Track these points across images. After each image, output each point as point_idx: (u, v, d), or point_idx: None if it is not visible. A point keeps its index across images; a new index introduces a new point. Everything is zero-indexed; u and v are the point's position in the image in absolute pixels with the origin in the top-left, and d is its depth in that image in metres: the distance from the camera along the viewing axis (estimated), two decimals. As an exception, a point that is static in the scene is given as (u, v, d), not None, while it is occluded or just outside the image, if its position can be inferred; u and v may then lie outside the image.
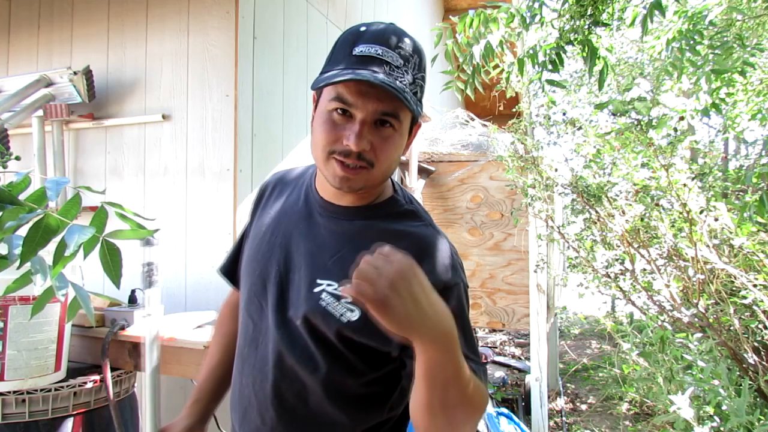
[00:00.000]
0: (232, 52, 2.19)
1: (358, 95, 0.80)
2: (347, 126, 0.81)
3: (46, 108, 2.34)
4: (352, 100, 0.80)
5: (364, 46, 0.81)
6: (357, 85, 0.79)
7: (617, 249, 3.01)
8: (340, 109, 0.81)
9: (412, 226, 0.91)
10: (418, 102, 0.85)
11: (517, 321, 3.78)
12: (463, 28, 1.98)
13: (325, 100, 0.83)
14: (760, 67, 2.69)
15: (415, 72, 0.83)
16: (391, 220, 0.91)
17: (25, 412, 1.53)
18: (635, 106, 2.24)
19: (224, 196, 2.18)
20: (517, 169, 3.22)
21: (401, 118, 0.83)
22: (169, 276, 2.26)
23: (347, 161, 0.81)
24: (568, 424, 4.20)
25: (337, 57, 0.84)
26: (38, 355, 1.56)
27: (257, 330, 0.94)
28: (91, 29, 2.50)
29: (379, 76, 0.78)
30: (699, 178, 2.38)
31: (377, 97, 0.80)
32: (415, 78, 0.83)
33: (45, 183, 0.77)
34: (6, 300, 1.49)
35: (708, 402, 2.01)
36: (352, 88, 0.80)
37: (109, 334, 1.77)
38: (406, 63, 0.82)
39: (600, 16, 1.90)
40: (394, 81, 0.79)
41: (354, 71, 0.78)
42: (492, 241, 3.83)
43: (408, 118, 0.85)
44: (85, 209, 0.88)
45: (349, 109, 0.81)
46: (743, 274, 2.20)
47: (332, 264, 0.88)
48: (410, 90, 0.81)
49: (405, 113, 0.83)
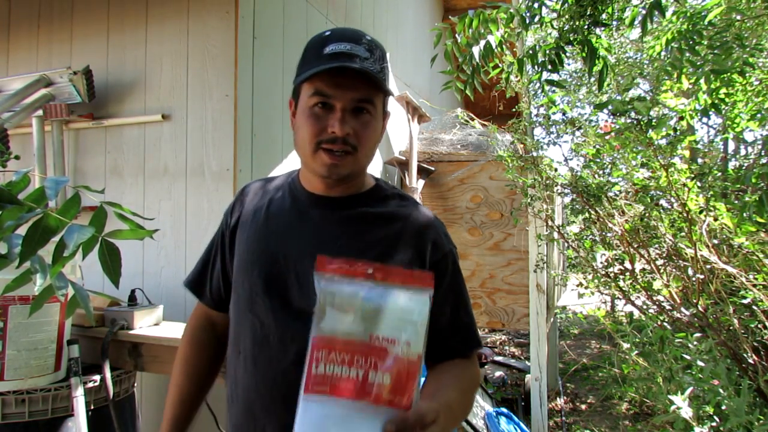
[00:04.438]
0: (232, 52, 2.19)
1: (335, 87, 0.89)
2: (329, 116, 0.89)
3: (46, 108, 2.34)
4: (330, 92, 0.89)
5: (333, 45, 0.89)
6: (333, 78, 0.88)
7: (617, 249, 3.01)
8: (321, 103, 0.90)
9: (401, 206, 1.00)
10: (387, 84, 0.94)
11: (517, 321, 3.78)
12: (462, 28, 1.98)
13: (305, 98, 0.92)
14: (760, 67, 2.69)
15: (380, 62, 0.92)
16: (381, 205, 1.00)
17: (25, 412, 1.53)
18: (635, 106, 2.24)
19: (224, 196, 2.18)
20: (516, 169, 3.21)
21: (376, 103, 0.92)
22: (168, 276, 2.26)
23: (334, 148, 0.90)
24: (567, 423, 4.20)
25: (309, 60, 0.92)
26: (38, 355, 1.57)
27: (267, 328, 0.94)
28: (91, 29, 2.50)
29: (354, 65, 0.87)
30: (698, 178, 2.38)
31: (353, 87, 0.89)
32: (381, 67, 0.92)
33: (44, 182, 0.77)
34: (6, 300, 1.49)
35: (707, 402, 2.01)
36: (329, 81, 0.88)
37: (109, 334, 1.77)
38: (372, 54, 0.91)
39: (600, 16, 1.89)
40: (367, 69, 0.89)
41: (332, 63, 0.87)
42: (492, 241, 3.83)
43: (381, 103, 0.95)
44: (85, 209, 0.88)
45: (329, 101, 0.89)
46: (743, 274, 2.20)
47: (336, 250, 0.92)
48: (380, 78, 0.91)
49: (378, 99, 0.93)
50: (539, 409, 3.52)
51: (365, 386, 0.63)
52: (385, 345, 0.65)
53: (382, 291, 0.68)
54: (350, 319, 0.66)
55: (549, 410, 4.19)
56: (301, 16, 2.72)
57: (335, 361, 0.64)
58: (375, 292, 0.68)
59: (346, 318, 0.66)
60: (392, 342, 0.65)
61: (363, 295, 0.68)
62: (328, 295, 0.68)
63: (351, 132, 0.89)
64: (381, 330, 0.66)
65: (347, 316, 0.67)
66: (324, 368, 0.64)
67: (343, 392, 0.63)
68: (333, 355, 0.65)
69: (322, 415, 0.63)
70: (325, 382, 0.64)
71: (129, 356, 1.82)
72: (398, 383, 0.64)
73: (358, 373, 0.64)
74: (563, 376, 5.30)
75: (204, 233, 2.20)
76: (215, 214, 2.19)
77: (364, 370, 0.64)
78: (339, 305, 0.67)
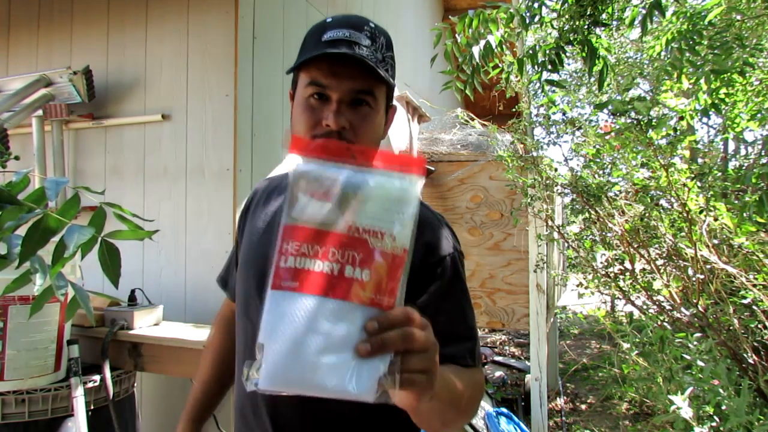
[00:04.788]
0: (232, 52, 2.19)
1: (332, 76, 0.82)
2: (324, 108, 0.83)
3: (46, 108, 2.34)
4: (326, 82, 0.82)
5: (332, 32, 0.83)
6: (330, 67, 0.82)
7: (617, 249, 3.01)
8: (317, 94, 0.84)
9: None
10: (391, 78, 0.86)
11: (517, 321, 3.78)
12: (462, 28, 1.98)
13: (301, 88, 0.86)
14: (760, 67, 2.69)
15: (384, 51, 0.85)
16: None
17: (25, 412, 1.53)
18: (635, 106, 2.24)
19: (224, 196, 2.18)
20: (516, 169, 3.21)
21: (376, 95, 0.85)
22: (168, 276, 2.26)
23: None
24: (567, 423, 4.20)
25: (308, 47, 0.86)
26: (38, 355, 1.57)
27: (258, 330, 0.93)
28: (91, 29, 2.50)
29: (351, 52, 0.80)
30: (699, 178, 2.38)
31: (351, 76, 0.82)
32: (384, 56, 0.85)
33: (44, 183, 0.77)
34: (6, 300, 1.49)
35: (707, 402, 2.01)
36: (326, 70, 0.82)
37: (108, 334, 1.78)
38: (374, 42, 0.84)
39: (600, 16, 1.89)
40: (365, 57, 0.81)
41: (327, 50, 0.81)
42: (492, 241, 3.83)
43: (383, 95, 0.87)
44: (85, 209, 0.88)
45: (325, 92, 0.83)
46: (743, 274, 2.20)
47: None
48: (382, 67, 0.83)
49: (380, 90, 0.86)
50: (539, 409, 3.52)
51: (342, 282, 0.54)
52: (366, 237, 0.56)
53: (365, 176, 0.58)
54: (327, 207, 0.57)
55: (549, 410, 4.19)
56: (301, 16, 2.72)
57: (307, 254, 0.55)
58: (357, 177, 0.58)
59: (322, 206, 0.57)
60: (374, 234, 0.56)
61: (342, 180, 0.57)
62: (302, 179, 0.58)
63: (347, 125, 0.83)
64: (362, 220, 0.56)
65: (323, 204, 0.57)
66: (294, 262, 0.55)
67: (316, 289, 0.54)
68: (305, 248, 0.55)
69: (292, 312, 0.54)
70: (294, 277, 0.55)
71: (129, 356, 1.82)
72: (379, 280, 0.55)
73: (333, 268, 0.55)
74: (563, 376, 5.30)
75: (204, 233, 2.20)
76: (215, 214, 2.19)
77: (341, 265, 0.55)
78: (314, 191, 0.57)
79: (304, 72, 0.85)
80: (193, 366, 1.71)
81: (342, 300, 0.54)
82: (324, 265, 0.55)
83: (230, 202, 2.17)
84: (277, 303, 0.55)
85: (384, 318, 0.54)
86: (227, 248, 2.11)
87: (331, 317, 0.54)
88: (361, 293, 0.54)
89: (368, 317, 0.54)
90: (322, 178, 0.58)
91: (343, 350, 0.53)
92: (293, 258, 0.55)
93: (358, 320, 0.54)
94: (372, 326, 0.53)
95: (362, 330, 0.54)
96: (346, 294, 0.54)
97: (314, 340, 0.53)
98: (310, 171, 0.58)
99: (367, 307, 0.55)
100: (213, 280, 2.13)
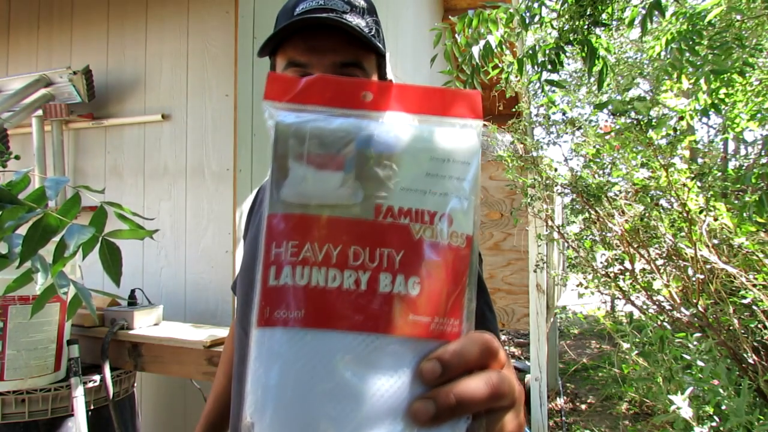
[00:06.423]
0: (232, 52, 2.19)
1: (310, 52, 0.71)
2: None
3: (46, 108, 2.34)
4: (305, 60, 0.71)
5: (304, 3, 0.73)
6: (306, 41, 0.71)
7: (617, 249, 3.01)
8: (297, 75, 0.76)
9: None
10: (379, 44, 0.74)
11: (517, 321, 3.78)
12: (462, 28, 1.99)
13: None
14: (760, 67, 2.70)
15: (366, 16, 0.75)
16: None
17: (25, 411, 1.53)
18: (635, 106, 2.24)
19: (224, 196, 2.18)
20: (516, 169, 3.22)
21: (365, 66, 0.74)
22: (168, 276, 2.26)
23: None
24: (567, 423, 4.20)
25: (280, 24, 0.76)
26: (38, 355, 1.57)
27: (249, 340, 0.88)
28: (91, 29, 2.51)
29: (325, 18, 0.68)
30: (698, 178, 2.38)
31: (331, 49, 0.71)
32: (367, 22, 0.74)
33: (44, 182, 0.77)
34: (6, 300, 1.49)
35: (707, 402, 2.01)
36: (302, 46, 0.71)
37: (108, 334, 1.77)
38: (353, 9, 0.73)
39: (599, 16, 1.90)
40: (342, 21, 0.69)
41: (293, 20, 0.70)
42: (492, 241, 3.83)
43: (373, 67, 0.76)
44: (85, 209, 0.88)
45: (306, 71, 0.72)
46: (743, 274, 2.20)
47: None
48: (366, 33, 0.72)
49: (369, 61, 0.74)
50: (539, 409, 3.52)
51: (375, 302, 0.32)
52: (406, 223, 0.33)
53: (393, 125, 0.35)
54: (336, 179, 0.33)
55: (549, 410, 4.19)
56: (301, 16, 2.73)
57: (311, 260, 0.32)
58: (380, 129, 0.35)
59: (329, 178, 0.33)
60: (418, 216, 0.34)
61: (359, 135, 0.34)
62: (291, 139, 0.34)
63: None
64: (396, 197, 0.34)
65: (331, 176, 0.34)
66: (291, 275, 0.32)
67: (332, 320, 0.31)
68: (307, 249, 0.32)
69: (293, 370, 0.31)
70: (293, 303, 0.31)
71: (129, 356, 1.82)
72: (437, 292, 0.33)
73: (358, 280, 0.32)
74: (563, 376, 5.30)
75: (204, 233, 2.20)
76: (215, 214, 2.19)
77: (370, 273, 0.32)
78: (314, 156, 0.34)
79: (280, 55, 0.75)
80: (193, 366, 1.71)
81: (380, 334, 0.31)
82: (342, 276, 0.32)
83: (230, 202, 2.17)
84: (268, 351, 0.32)
85: (452, 355, 0.32)
86: (227, 248, 2.11)
87: (362, 367, 0.31)
88: (409, 318, 0.32)
89: (425, 355, 0.32)
90: (325, 134, 0.34)
91: (387, 420, 0.30)
92: (289, 269, 0.32)
93: (410, 364, 0.32)
94: (433, 371, 0.31)
95: (417, 380, 0.32)
96: (386, 323, 0.32)
97: (336, 412, 0.30)
98: (303, 125, 0.35)
99: (421, 339, 0.32)
100: (213, 280, 2.14)
